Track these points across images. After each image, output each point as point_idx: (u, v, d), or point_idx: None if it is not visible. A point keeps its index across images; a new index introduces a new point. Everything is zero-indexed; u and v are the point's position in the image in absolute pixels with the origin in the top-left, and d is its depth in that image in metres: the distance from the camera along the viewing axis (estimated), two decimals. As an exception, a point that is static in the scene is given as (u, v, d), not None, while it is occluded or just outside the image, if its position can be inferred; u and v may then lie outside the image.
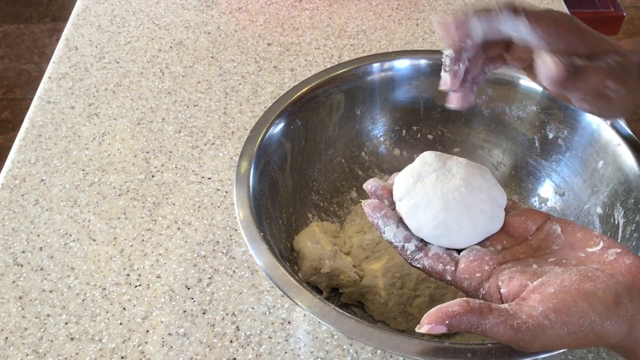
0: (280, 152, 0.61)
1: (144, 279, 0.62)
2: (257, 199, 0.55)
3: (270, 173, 0.59)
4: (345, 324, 0.45)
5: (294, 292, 0.47)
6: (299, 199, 0.64)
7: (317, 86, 0.64)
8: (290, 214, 0.62)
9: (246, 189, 0.55)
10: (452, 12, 0.43)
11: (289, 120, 0.62)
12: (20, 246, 0.64)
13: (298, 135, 0.63)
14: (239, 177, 0.55)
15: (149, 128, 0.77)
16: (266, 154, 0.59)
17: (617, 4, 1.55)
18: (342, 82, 0.66)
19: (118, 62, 0.87)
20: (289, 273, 0.48)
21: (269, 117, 0.61)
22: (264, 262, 0.49)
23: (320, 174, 0.67)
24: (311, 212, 0.64)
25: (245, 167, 0.56)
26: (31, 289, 0.61)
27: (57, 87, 0.83)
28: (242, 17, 0.95)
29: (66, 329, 0.58)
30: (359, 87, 0.67)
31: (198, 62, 0.87)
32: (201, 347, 0.57)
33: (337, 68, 0.66)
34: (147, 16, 0.95)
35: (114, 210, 0.68)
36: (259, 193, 0.56)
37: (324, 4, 0.97)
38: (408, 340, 0.44)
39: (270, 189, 0.59)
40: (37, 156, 0.74)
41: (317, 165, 0.66)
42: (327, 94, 0.65)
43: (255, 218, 0.52)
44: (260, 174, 0.57)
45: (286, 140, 0.62)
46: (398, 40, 0.90)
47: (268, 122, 0.60)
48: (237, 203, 0.54)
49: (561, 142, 0.64)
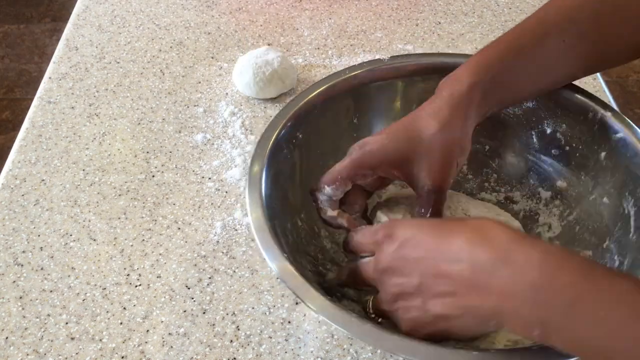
0: (289, 166, 0.61)
1: (144, 279, 0.62)
2: (270, 216, 0.55)
3: (279, 188, 0.59)
4: (354, 324, 0.46)
5: (309, 297, 0.47)
6: (306, 213, 0.62)
7: (316, 97, 0.64)
8: (300, 229, 0.61)
9: (258, 191, 0.55)
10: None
11: (292, 134, 0.62)
12: (20, 246, 0.65)
13: (301, 148, 0.63)
14: (251, 179, 0.56)
15: (149, 128, 0.78)
16: (276, 168, 0.59)
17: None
18: (339, 91, 0.65)
19: (118, 62, 0.87)
20: (300, 274, 0.49)
21: (270, 134, 0.61)
22: (277, 265, 0.50)
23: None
24: (318, 225, 0.63)
25: (256, 189, 0.56)
26: (31, 289, 0.61)
27: (57, 87, 0.83)
28: (242, 17, 0.95)
29: (66, 329, 0.58)
30: (356, 95, 0.66)
31: (198, 62, 0.87)
32: (201, 346, 0.57)
33: (332, 77, 0.66)
34: (148, 16, 0.95)
35: (114, 210, 0.68)
36: (270, 210, 0.55)
37: (324, 4, 0.97)
38: (434, 349, 0.45)
39: (281, 204, 0.58)
40: (38, 156, 0.74)
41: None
42: (325, 105, 0.64)
43: (267, 220, 0.53)
44: (271, 190, 0.57)
45: (292, 153, 0.62)
46: (398, 40, 0.90)
47: (271, 138, 0.60)
48: (249, 204, 0.54)
49: (560, 135, 0.64)
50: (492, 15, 0.95)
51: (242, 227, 0.67)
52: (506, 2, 0.98)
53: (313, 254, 0.60)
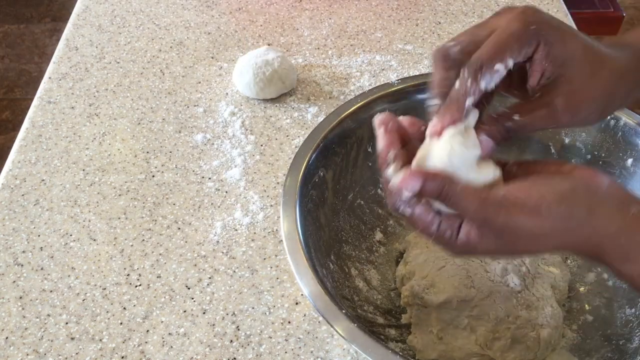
0: (316, 206, 0.59)
1: (144, 279, 0.62)
2: (304, 225, 0.53)
3: (312, 232, 0.57)
4: (384, 355, 0.45)
5: (337, 322, 0.46)
6: (335, 254, 0.60)
7: (333, 129, 0.62)
8: (333, 272, 0.58)
9: (293, 204, 0.54)
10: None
11: (315, 171, 0.59)
12: (20, 246, 0.65)
13: (325, 186, 0.61)
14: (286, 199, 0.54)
15: (149, 128, 0.78)
16: (305, 213, 0.57)
17: (617, 4, 1.55)
18: (352, 121, 0.63)
19: (118, 62, 0.87)
20: (333, 302, 0.47)
21: (297, 173, 0.58)
22: (310, 290, 0.48)
23: (346, 222, 0.64)
24: (347, 264, 0.61)
25: (294, 233, 0.53)
26: (31, 289, 0.61)
27: (57, 87, 0.83)
28: (242, 17, 0.95)
29: (66, 329, 0.58)
30: (366, 123, 0.64)
31: (198, 62, 0.87)
32: (201, 346, 0.57)
33: (345, 107, 0.63)
34: (148, 16, 0.95)
35: (114, 210, 0.68)
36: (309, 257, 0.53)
37: (324, 4, 0.97)
38: None
39: (315, 246, 0.56)
40: (38, 156, 0.74)
41: (342, 214, 0.64)
42: (340, 137, 0.62)
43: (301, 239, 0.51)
44: (306, 235, 0.55)
45: (315, 194, 0.59)
46: (398, 40, 0.90)
47: (298, 180, 0.57)
48: (282, 215, 0.53)
49: (580, 145, 0.63)
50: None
51: (242, 227, 0.67)
52: (506, 2, 0.98)
53: (349, 297, 0.58)
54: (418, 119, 0.45)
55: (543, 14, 0.43)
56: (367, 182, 0.66)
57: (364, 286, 0.61)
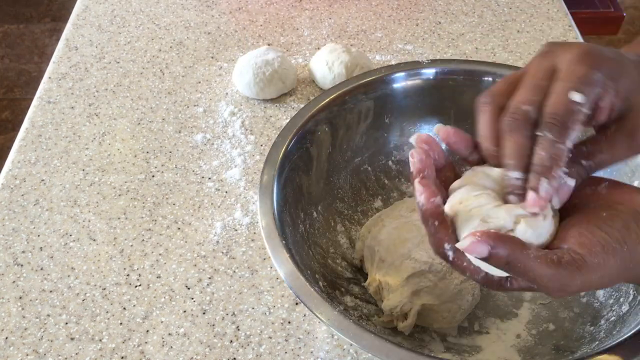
0: (306, 158, 0.61)
1: (144, 279, 0.62)
2: (280, 206, 0.54)
3: (295, 178, 0.59)
4: (364, 338, 0.45)
5: (314, 303, 0.47)
6: (324, 205, 0.63)
7: (345, 93, 0.64)
8: (314, 220, 0.61)
9: (270, 196, 0.55)
10: None
11: (317, 126, 0.62)
12: (20, 246, 0.65)
13: (325, 141, 0.63)
14: (262, 185, 0.55)
15: (149, 128, 0.78)
16: (292, 160, 0.58)
17: (617, 4, 1.55)
18: (371, 90, 0.65)
19: (118, 62, 0.87)
20: (309, 284, 0.48)
21: (297, 122, 0.60)
22: (284, 272, 0.49)
23: (346, 181, 0.66)
24: (334, 219, 0.64)
25: (269, 175, 0.56)
26: (31, 289, 0.61)
27: (57, 87, 0.83)
28: (242, 17, 0.95)
29: (66, 329, 0.58)
30: (388, 95, 0.66)
31: (198, 62, 0.87)
32: (201, 347, 0.57)
33: (366, 75, 0.66)
34: (147, 16, 0.95)
35: (114, 210, 0.68)
36: (282, 199, 0.55)
37: (324, 4, 0.97)
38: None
39: (295, 194, 0.58)
40: (37, 156, 0.74)
41: (343, 173, 0.66)
42: (355, 101, 0.64)
43: (277, 226, 0.52)
44: (285, 180, 0.57)
45: (312, 146, 0.61)
46: (398, 40, 0.90)
47: (296, 127, 0.60)
48: (260, 211, 0.54)
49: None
50: (492, 15, 0.95)
51: (242, 227, 0.67)
52: (506, 2, 0.98)
53: (325, 246, 0.60)
54: (465, 133, 0.43)
55: (603, 51, 0.40)
56: (380, 151, 0.68)
57: (345, 243, 0.63)
